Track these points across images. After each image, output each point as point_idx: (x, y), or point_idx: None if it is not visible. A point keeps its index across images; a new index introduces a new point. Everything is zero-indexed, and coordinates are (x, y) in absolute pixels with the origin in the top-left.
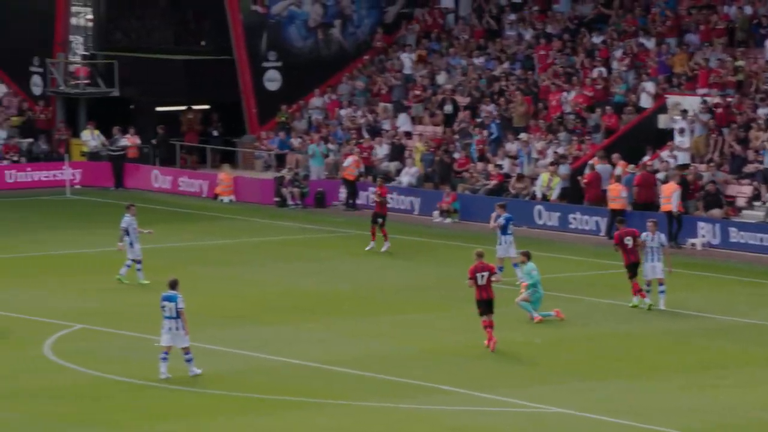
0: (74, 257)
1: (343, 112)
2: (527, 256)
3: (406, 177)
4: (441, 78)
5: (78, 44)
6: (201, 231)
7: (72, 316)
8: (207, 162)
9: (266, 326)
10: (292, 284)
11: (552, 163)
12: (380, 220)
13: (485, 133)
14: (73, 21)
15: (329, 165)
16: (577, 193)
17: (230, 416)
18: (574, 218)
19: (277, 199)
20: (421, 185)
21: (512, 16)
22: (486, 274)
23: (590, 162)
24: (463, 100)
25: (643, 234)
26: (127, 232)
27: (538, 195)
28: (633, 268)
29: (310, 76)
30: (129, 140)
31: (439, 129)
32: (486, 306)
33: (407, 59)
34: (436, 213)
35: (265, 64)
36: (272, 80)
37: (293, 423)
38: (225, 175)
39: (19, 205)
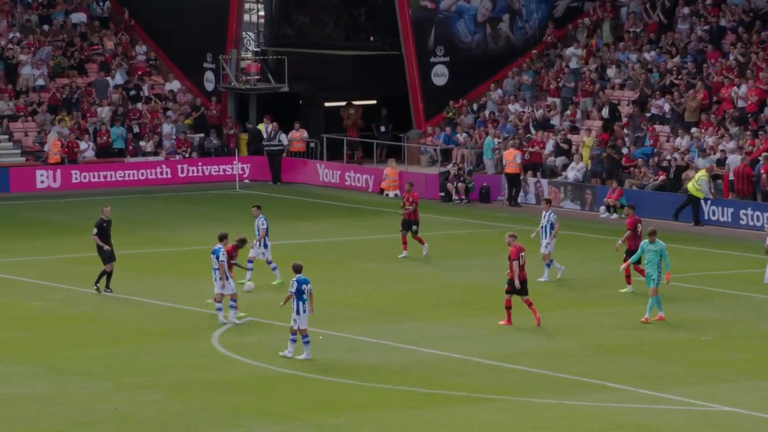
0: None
1: (511, 107)
2: (654, 234)
3: (573, 172)
4: (610, 72)
5: (250, 41)
6: (366, 226)
7: (239, 308)
8: (373, 157)
9: (429, 321)
10: (454, 279)
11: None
12: (415, 228)
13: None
14: (246, 18)
15: (496, 160)
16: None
17: (394, 410)
18: (745, 214)
19: (442, 194)
20: (588, 181)
21: (685, 10)
22: (524, 254)
23: (730, 157)
24: (632, 95)
25: None
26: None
27: (706, 193)
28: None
29: (478, 71)
30: (294, 135)
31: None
32: (524, 286)
33: (575, 54)
34: (602, 208)
35: (433, 59)
36: (439, 75)
37: (458, 418)
38: (391, 169)
39: (190, 199)
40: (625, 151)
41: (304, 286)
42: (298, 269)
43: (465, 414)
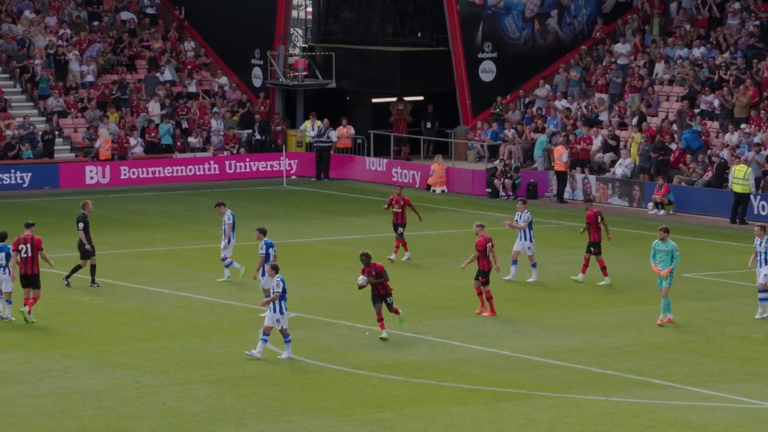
0: (288, 246)
1: (558, 103)
2: (666, 232)
3: (621, 168)
4: (659, 68)
5: (297, 37)
6: (412, 222)
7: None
8: (420, 153)
9: (476, 317)
10: (500, 276)
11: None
12: (401, 230)
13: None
14: (294, 14)
15: (546, 153)
16: None
17: (441, 406)
18: None
19: (488, 190)
20: (636, 177)
21: (736, 5)
22: (490, 245)
23: None
24: (681, 91)
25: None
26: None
27: (754, 188)
28: (597, 246)
29: (525, 67)
30: (340, 131)
31: (656, 120)
32: (487, 276)
33: (624, 49)
34: (650, 205)
35: (481, 55)
36: (487, 71)
37: (505, 414)
38: (438, 165)
39: (237, 194)
40: (673, 147)
41: (285, 285)
42: (276, 269)
43: (512, 410)
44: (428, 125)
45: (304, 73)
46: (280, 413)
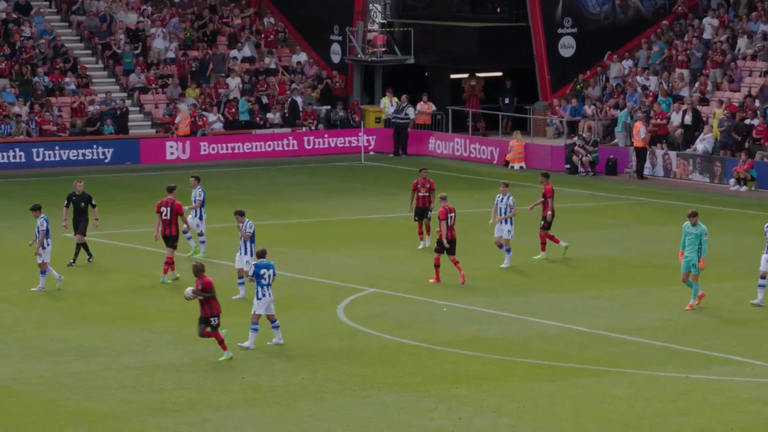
0: (366, 222)
1: (639, 78)
2: (695, 216)
3: (701, 144)
4: (741, 43)
5: (376, 12)
6: (491, 198)
7: (364, 280)
8: (499, 129)
9: (553, 293)
10: (579, 252)
11: None
12: (429, 215)
13: None
14: None
15: (626, 128)
16: None
17: (518, 382)
18: None
19: (567, 166)
20: (717, 153)
21: None
22: (453, 215)
23: None
24: (764, 66)
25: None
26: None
27: None
28: (546, 221)
29: (605, 42)
30: (422, 107)
31: (738, 95)
32: (452, 246)
33: (707, 24)
34: (732, 181)
35: (560, 31)
36: (566, 47)
37: (581, 390)
38: (516, 141)
39: (316, 170)
40: (756, 122)
41: (263, 270)
42: (261, 254)
43: (590, 387)
44: (506, 101)
45: (383, 49)
46: (358, 388)
